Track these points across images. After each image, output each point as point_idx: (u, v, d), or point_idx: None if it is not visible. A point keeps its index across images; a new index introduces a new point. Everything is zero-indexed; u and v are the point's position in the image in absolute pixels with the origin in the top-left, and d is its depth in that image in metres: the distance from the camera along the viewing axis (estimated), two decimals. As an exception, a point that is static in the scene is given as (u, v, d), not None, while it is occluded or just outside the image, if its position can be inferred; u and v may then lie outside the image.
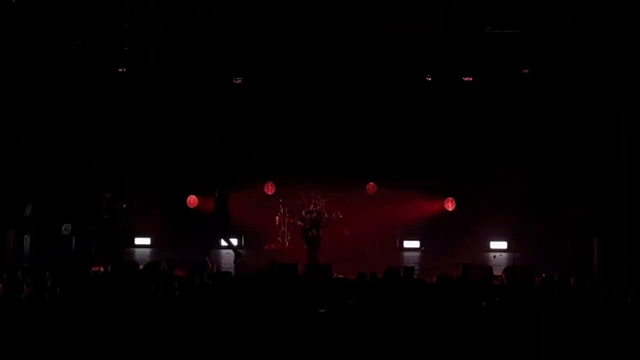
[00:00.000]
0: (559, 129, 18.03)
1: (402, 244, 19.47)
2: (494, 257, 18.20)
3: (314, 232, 17.05)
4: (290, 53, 17.50)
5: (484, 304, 9.28)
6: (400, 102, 18.95)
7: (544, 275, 12.95)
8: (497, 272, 13.06)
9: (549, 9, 15.69)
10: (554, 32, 16.37)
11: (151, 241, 19.41)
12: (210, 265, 13.27)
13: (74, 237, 16.75)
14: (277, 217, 19.32)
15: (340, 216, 18.63)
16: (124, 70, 17.72)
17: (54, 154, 17.88)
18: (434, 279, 10.95)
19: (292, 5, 15.96)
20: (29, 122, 17.08)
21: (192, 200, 19.34)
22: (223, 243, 18.29)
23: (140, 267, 12.64)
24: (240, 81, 18.30)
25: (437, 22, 16.03)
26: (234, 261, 17.29)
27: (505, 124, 18.48)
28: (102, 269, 12.75)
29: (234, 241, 18.80)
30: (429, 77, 18.22)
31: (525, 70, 17.69)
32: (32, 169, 17.19)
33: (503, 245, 18.95)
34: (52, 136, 17.77)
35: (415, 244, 19.40)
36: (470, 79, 18.10)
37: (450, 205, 19.33)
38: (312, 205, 18.06)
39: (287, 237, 19.06)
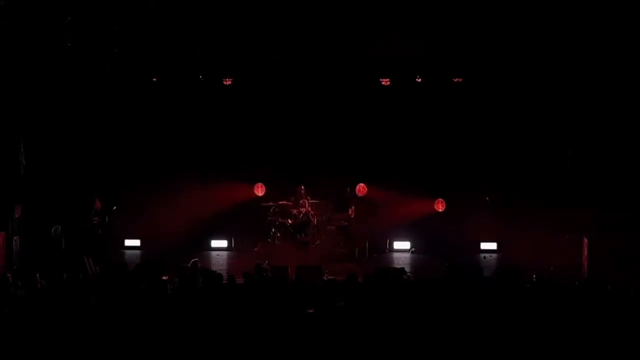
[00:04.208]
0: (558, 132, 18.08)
1: (392, 245, 19.47)
2: (484, 257, 18.22)
3: (302, 235, 17.02)
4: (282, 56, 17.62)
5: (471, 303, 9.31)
6: (391, 106, 18.99)
7: (534, 276, 12.97)
8: (487, 273, 13.05)
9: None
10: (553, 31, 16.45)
11: (141, 243, 19.34)
12: (199, 267, 13.22)
13: (63, 239, 16.69)
14: (267, 218, 19.26)
15: (331, 227, 18.63)
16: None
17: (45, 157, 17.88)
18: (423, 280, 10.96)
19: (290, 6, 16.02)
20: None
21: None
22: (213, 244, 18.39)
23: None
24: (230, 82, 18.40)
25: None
26: None
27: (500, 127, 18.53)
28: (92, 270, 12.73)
29: (224, 243, 19.01)
30: (418, 79, 18.24)
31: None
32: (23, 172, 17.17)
33: (493, 246, 18.97)
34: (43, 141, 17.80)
35: (406, 245, 19.40)
36: (460, 80, 18.15)
37: (440, 206, 19.32)
38: (300, 207, 18.11)
39: (277, 239, 19.00)
